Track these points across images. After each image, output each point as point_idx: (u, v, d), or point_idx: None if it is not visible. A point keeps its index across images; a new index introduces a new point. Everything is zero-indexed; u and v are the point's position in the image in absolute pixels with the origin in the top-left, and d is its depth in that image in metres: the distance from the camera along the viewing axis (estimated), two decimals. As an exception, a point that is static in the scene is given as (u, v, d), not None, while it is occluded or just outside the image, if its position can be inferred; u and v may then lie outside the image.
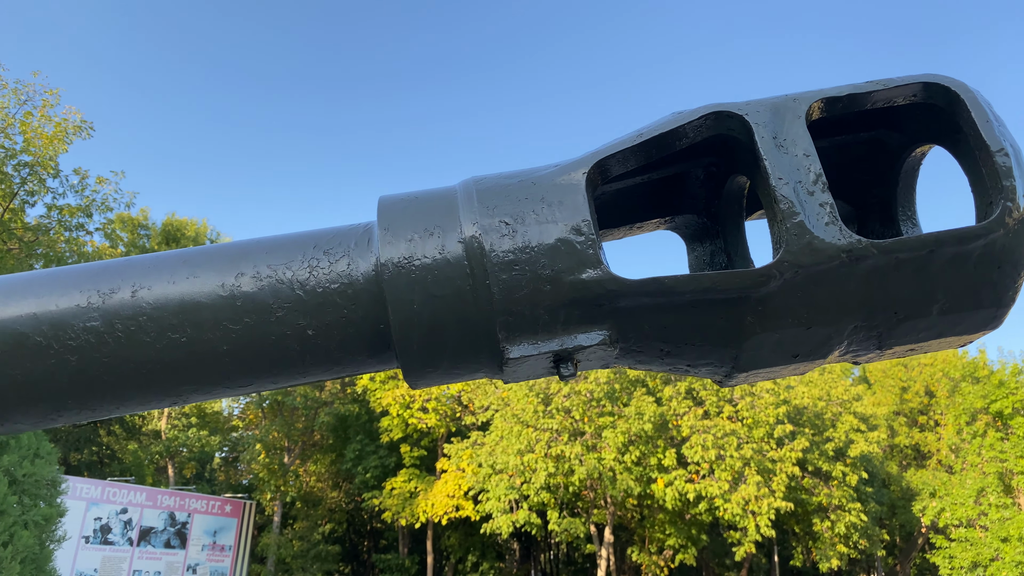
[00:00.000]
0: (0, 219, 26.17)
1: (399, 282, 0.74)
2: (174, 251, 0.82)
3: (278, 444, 33.97)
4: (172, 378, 0.77)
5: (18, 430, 0.80)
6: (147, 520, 27.45)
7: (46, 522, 6.57)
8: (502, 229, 0.75)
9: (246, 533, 29.81)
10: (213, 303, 0.76)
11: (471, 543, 33.05)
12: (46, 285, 0.77)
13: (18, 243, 27.19)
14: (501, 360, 0.77)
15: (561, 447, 23.55)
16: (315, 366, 0.80)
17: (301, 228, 0.82)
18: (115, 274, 0.78)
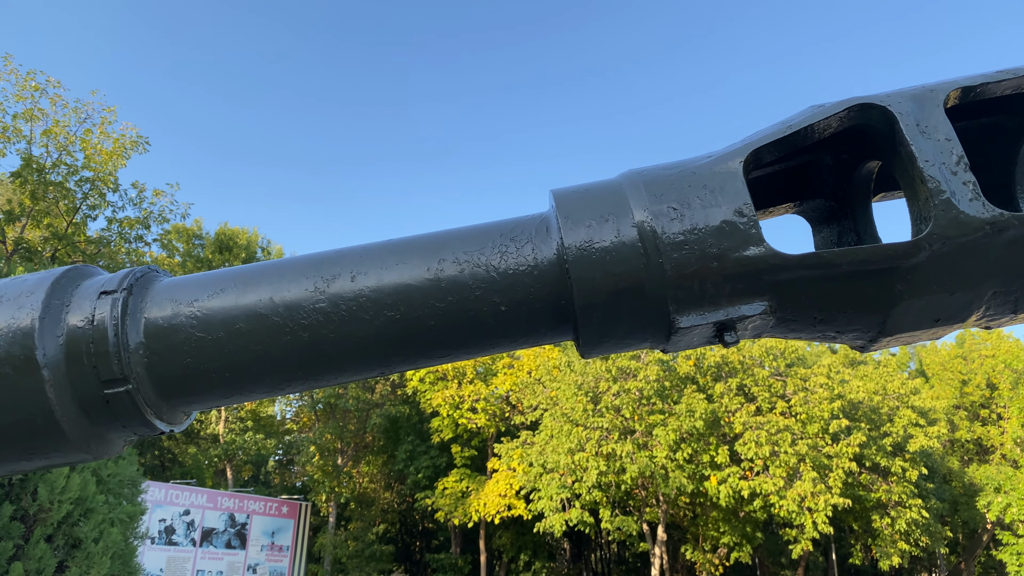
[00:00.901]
0: (64, 233, 27.26)
1: (581, 263, 0.84)
2: (378, 242, 0.94)
3: (331, 446, 34.61)
4: (386, 350, 0.89)
5: (253, 398, 0.93)
6: (208, 521, 28.23)
7: (130, 520, 6.87)
8: (671, 214, 0.85)
9: (303, 533, 30.44)
10: (421, 285, 0.87)
11: (523, 542, 33.17)
12: (277, 274, 0.90)
13: (81, 255, 28.25)
14: (670, 330, 0.86)
15: (612, 445, 23.51)
16: (504, 337, 0.91)
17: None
18: (334, 263, 0.90)
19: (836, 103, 0.90)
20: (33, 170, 26.63)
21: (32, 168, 26.61)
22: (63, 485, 6.11)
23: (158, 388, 0.87)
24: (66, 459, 0.89)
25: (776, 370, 25.27)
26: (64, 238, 27.18)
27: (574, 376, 25.72)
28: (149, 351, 0.85)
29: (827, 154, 1.06)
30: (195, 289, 0.89)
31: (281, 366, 0.89)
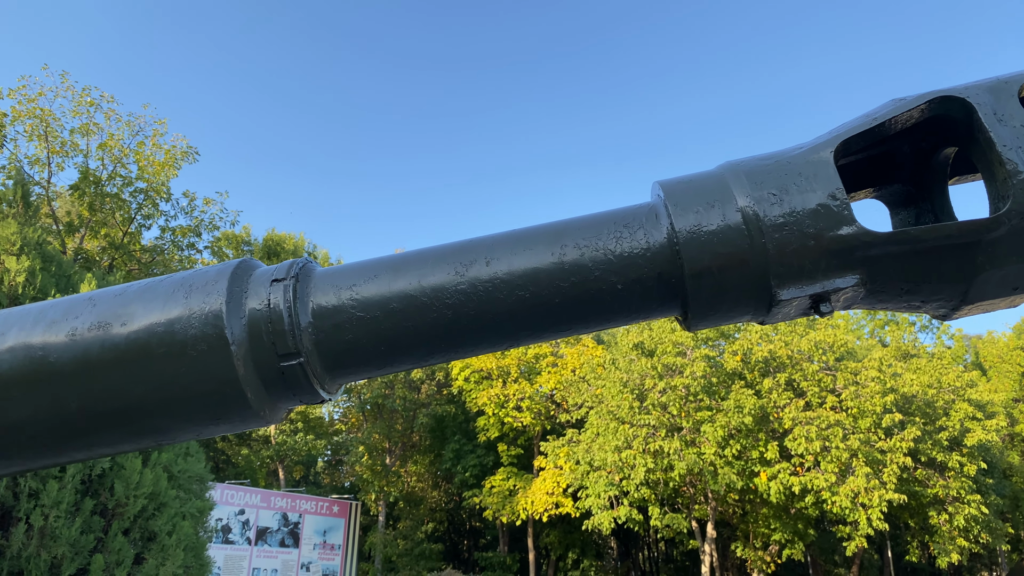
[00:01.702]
0: (120, 242, 28.21)
1: (691, 244, 0.95)
2: (505, 232, 1.06)
3: (379, 446, 35.12)
4: (517, 325, 1.01)
5: (402, 368, 1.06)
6: (263, 521, 28.92)
7: (200, 514, 7.15)
8: (771, 199, 0.95)
9: (353, 532, 30.97)
10: (547, 268, 0.99)
11: (571, 540, 33.22)
12: (422, 261, 1.03)
13: (137, 264, 29.22)
14: (771, 303, 0.96)
15: (659, 442, 23.41)
16: (619, 313, 1.02)
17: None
18: (470, 251, 1.02)
19: (917, 96, 0.98)
20: (90, 183, 27.61)
21: (89, 181, 27.58)
22: (137, 480, 6.40)
23: (324, 361, 1.00)
24: (245, 424, 1.02)
25: (825, 364, 24.85)
26: (120, 247, 28.13)
27: (619, 374, 25.67)
28: (317, 329, 0.99)
29: (906, 143, 1.14)
30: (352, 276, 1.02)
31: (428, 340, 1.01)
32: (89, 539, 5.94)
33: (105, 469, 6.32)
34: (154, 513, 6.50)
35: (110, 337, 0.96)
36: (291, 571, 29.30)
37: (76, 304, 1.03)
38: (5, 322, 1.03)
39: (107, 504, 6.26)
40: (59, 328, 0.99)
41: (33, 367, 0.96)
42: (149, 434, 1.01)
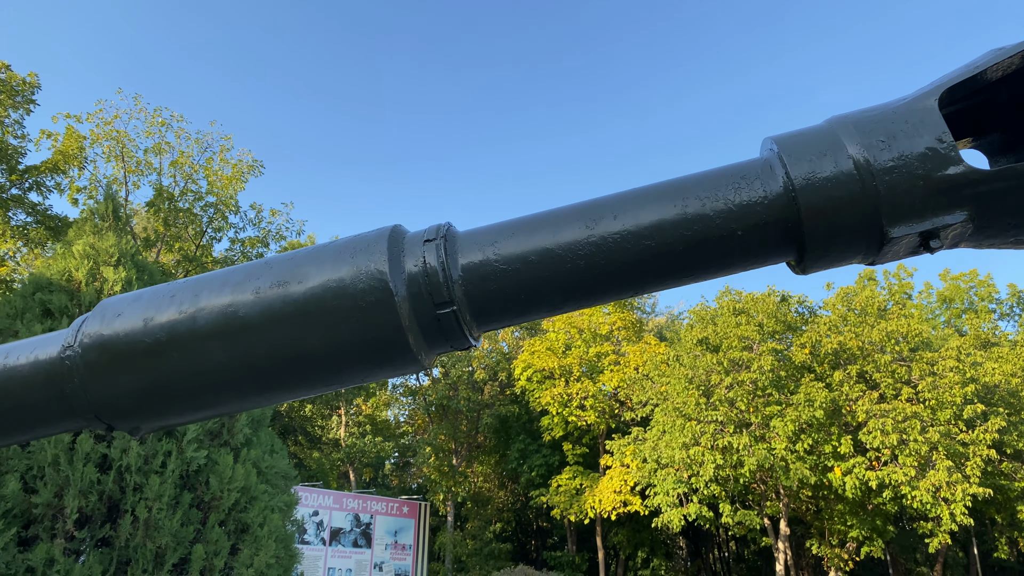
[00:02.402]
0: (194, 255, 29.40)
1: (807, 191, 1.04)
2: (628, 190, 1.17)
3: (445, 447, 35.59)
4: (644, 272, 1.12)
5: (539, 316, 1.17)
6: (336, 522, 29.66)
7: (287, 508, 7.46)
8: (880, 145, 1.03)
9: (423, 533, 31.45)
10: (671, 218, 1.09)
11: (639, 539, 32.99)
12: (554, 219, 1.14)
13: (209, 275, 30.38)
14: (882, 241, 1.04)
15: (727, 438, 23.08)
16: (739, 259, 1.12)
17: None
18: (597, 208, 1.13)
19: (1017, 44, 1.05)
20: (164, 199, 28.86)
21: (163, 197, 28.84)
22: (230, 475, 6.74)
23: (473, 309, 1.13)
24: (405, 368, 1.15)
25: (899, 355, 24.06)
26: (194, 259, 29.30)
27: (683, 370, 25.41)
28: (466, 281, 1.11)
29: (1004, 91, 1.20)
30: (493, 234, 1.15)
31: (562, 289, 1.13)
32: (189, 530, 6.29)
33: (200, 465, 6.68)
34: (246, 506, 6.83)
35: (290, 293, 1.11)
36: (364, 571, 29.95)
37: (255, 268, 1.18)
38: (195, 286, 1.19)
39: (203, 497, 6.61)
40: (244, 288, 1.14)
41: (225, 322, 1.12)
42: (324, 379, 1.16)
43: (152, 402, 1.17)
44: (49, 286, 7.09)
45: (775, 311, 25.63)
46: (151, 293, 1.21)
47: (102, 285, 7.20)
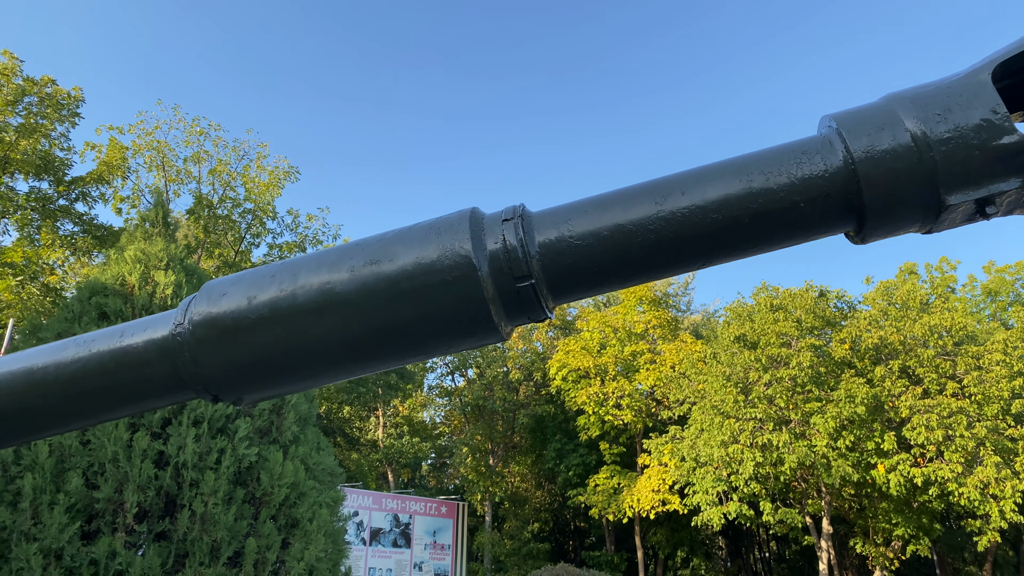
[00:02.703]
0: (233, 261, 29.99)
1: (867, 163, 1.10)
2: (692, 168, 1.23)
3: (482, 447, 35.75)
4: (712, 245, 1.18)
5: (612, 288, 1.25)
6: (375, 522, 29.99)
7: (334, 503, 7.62)
8: (936, 118, 1.09)
9: (461, 533, 31.64)
10: (737, 192, 1.16)
11: (678, 539, 32.77)
12: (624, 197, 1.22)
13: (248, 281, 30.98)
14: (940, 209, 1.10)
15: (767, 436, 22.83)
16: (801, 230, 1.18)
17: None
18: (664, 185, 1.20)
19: None
20: (203, 206, 29.50)
21: (203, 205, 29.48)
22: (280, 472, 6.92)
23: (549, 283, 1.21)
24: (487, 338, 1.24)
25: (943, 349, 23.56)
26: (233, 265, 29.88)
27: (721, 367, 25.20)
28: (543, 256, 1.20)
29: None
30: (566, 213, 1.23)
31: (634, 261, 1.20)
32: (242, 524, 6.48)
33: (252, 462, 6.87)
34: (296, 502, 7.00)
35: (382, 271, 1.21)
36: (404, 570, 30.22)
37: (348, 249, 1.28)
38: (293, 267, 1.29)
39: (255, 493, 6.80)
40: (339, 267, 1.24)
41: (323, 298, 1.21)
42: (413, 349, 1.25)
43: (256, 374, 1.27)
44: (104, 290, 7.35)
45: (813, 306, 25.30)
46: (252, 275, 1.31)
47: (153, 288, 7.45)
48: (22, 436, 1.41)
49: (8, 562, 5.62)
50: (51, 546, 5.70)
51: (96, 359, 1.32)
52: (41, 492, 5.89)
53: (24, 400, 1.34)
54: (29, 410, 1.35)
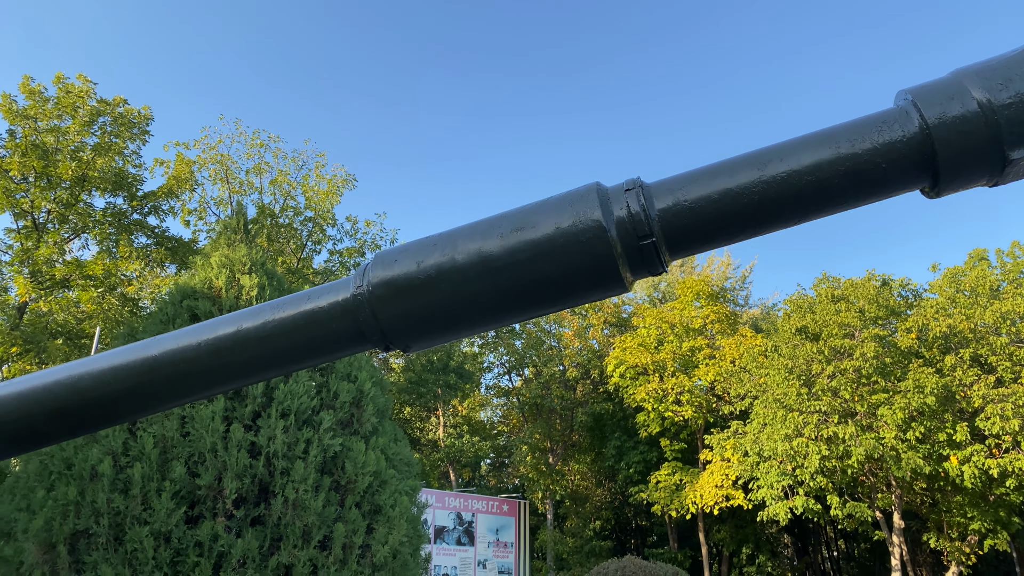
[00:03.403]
0: (296, 268, 30.95)
1: (940, 127, 1.30)
2: (784, 141, 1.44)
3: (541, 446, 35.99)
4: (806, 205, 1.39)
5: (716, 245, 1.46)
6: (439, 520, 30.50)
7: (412, 492, 7.96)
8: (999, 87, 1.28)
9: (523, 531, 31.94)
10: (828, 158, 1.36)
11: (743, 536, 32.40)
12: (730, 165, 1.43)
13: (309, 286, 31.97)
14: (1004, 163, 1.29)
15: (832, 428, 22.47)
16: (883, 187, 1.38)
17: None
18: (762, 154, 1.42)
19: None
20: (266, 216, 30.52)
21: (265, 215, 30.50)
22: (363, 461, 7.28)
23: (667, 241, 1.44)
24: (614, 289, 1.47)
25: (1016, 336, 22.78)
26: (296, 272, 30.83)
27: (782, 360, 24.88)
28: (661, 219, 1.42)
29: None
30: (679, 182, 1.45)
31: (740, 221, 1.41)
32: (330, 510, 6.86)
33: (336, 451, 7.25)
34: (378, 489, 7.36)
35: (525, 235, 1.45)
36: (469, 568, 30.67)
37: (493, 220, 1.53)
38: (451, 236, 1.54)
39: (340, 481, 7.18)
40: (490, 235, 1.49)
41: (480, 259, 1.47)
42: (553, 300, 1.49)
43: (423, 325, 1.53)
44: (194, 294, 7.85)
45: (876, 296, 24.76)
46: (417, 244, 1.57)
47: (239, 291, 7.92)
48: (227, 383, 1.70)
49: (123, 544, 6.11)
50: (160, 529, 6.17)
51: (289, 318, 1.61)
52: (149, 480, 6.37)
53: (232, 354, 1.64)
54: (234, 364, 1.65)
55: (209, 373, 1.67)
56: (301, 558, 6.49)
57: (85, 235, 25.04)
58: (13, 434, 1.75)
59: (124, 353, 1.70)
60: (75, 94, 23.33)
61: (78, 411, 1.70)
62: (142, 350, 1.70)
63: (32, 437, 1.76)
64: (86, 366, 1.70)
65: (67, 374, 1.71)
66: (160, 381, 1.68)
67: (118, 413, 1.75)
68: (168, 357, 1.66)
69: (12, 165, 21.75)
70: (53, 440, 1.83)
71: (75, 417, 1.73)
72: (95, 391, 1.68)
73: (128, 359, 1.69)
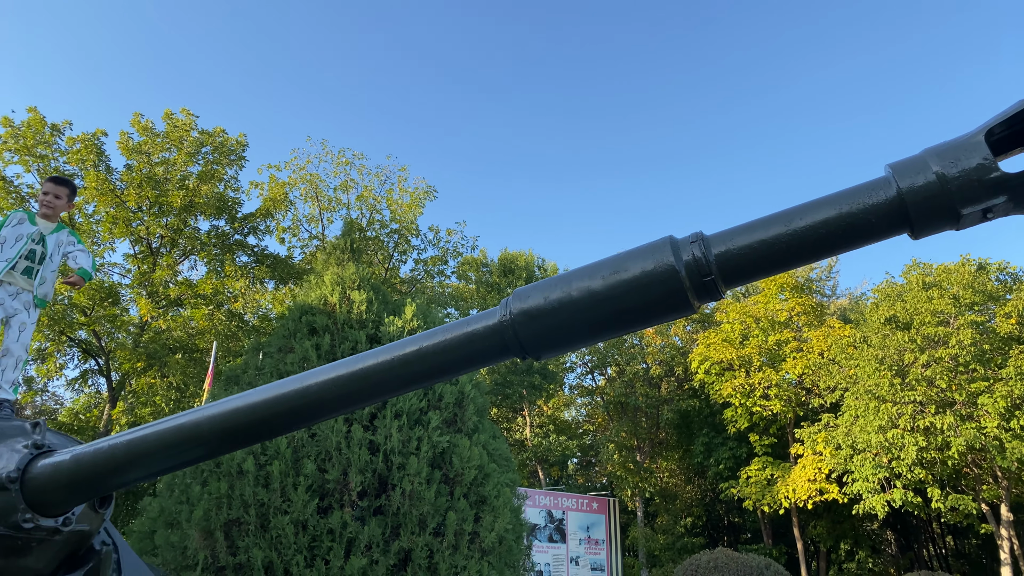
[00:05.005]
0: (384, 278, 32.36)
1: (911, 192, 1.78)
2: (801, 204, 2.00)
3: (628, 444, 36.25)
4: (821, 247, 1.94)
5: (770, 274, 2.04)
6: (531, 518, 31.18)
7: (512, 484, 8.64)
8: (951, 164, 1.77)
9: (614, 528, 32.29)
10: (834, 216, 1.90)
11: (840, 531, 31.76)
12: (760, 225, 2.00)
13: (397, 294, 33.34)
14: (958, 217, 1.80)
15: (928, 419, 21.94)
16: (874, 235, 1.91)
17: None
18: (790, 214, 1.98)
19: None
20: (354, 230, 32.01)
21: (353, 229, 31.99)
22: (468, 455, 8.01)
23: (723, 277, 2.02)
24: (683, 314, 2.05)
25: None
26: (384, 282, 32.25)
27: (873, 351, 24.41)
28: (718, 261, 2.00)
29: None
30: (732, 234, 2.01)
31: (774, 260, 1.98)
32: (442, 501, 7.62)
33: (444, 447, 8.01)
34: (482, 481, 8.08)
35: (620, 276, 2.05)
36: (561, 565, 31.26)
37: (595, 265, 2.13)
38: (567, 278, 2.15)
39: (449, 474, 7.93)
40: (595, 276, 2.09)
41: (589, 294, 2.08)
42: (639, 321, 2.09)
43: (550, 340, 2.16)
44: (311, 310, 8.78)
45: (972, 281, 23.96)
46: (543, 284, 2.21)
47: (350, 306, 8.81)
48: (410, 387, 2.39)
49: (268, 531, 7.03)
50: (298, 518, 7.06)
51: (456, 338, 2.28)
52: (285, 475, 7.28)
53: (415, 366, 2.32)
54: (418, 372, 2.33)
55: (399, 379, 2.36)
56: (419, 544, 7.26)
57: (193, 257, 27.05)
58: (255, 433, 2.47)
59: (341, 366, 2.41)
60: (180, 127, 25.29)
61: (313, 410, 2.41)
62: (352, 364, 2.40)
63: (265, 433, 2.48)
64: (320, 375, 2.41)
65: (305, 382, 2.42)
66: (366, 389, 2.38)
67: (334, 408, 2.45)
68: (373, 367, 2.36)
69: (130, 196, 23.82)
70: (277, 434, 2.55)
71: (305, 413, 2.44)
72: (327, 392, 2.39)
73: (343, 371, 2.39)
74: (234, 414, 2.44)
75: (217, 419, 2.46)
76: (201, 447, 2.50)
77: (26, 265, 5.18)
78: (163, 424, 2.53)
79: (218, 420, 2.45)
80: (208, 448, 2.51)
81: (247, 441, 2.57)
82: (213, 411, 2.46)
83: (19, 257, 5.10)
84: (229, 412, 2.45)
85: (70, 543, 2.77)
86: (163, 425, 2.52)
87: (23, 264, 5.16)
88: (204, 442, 2.48)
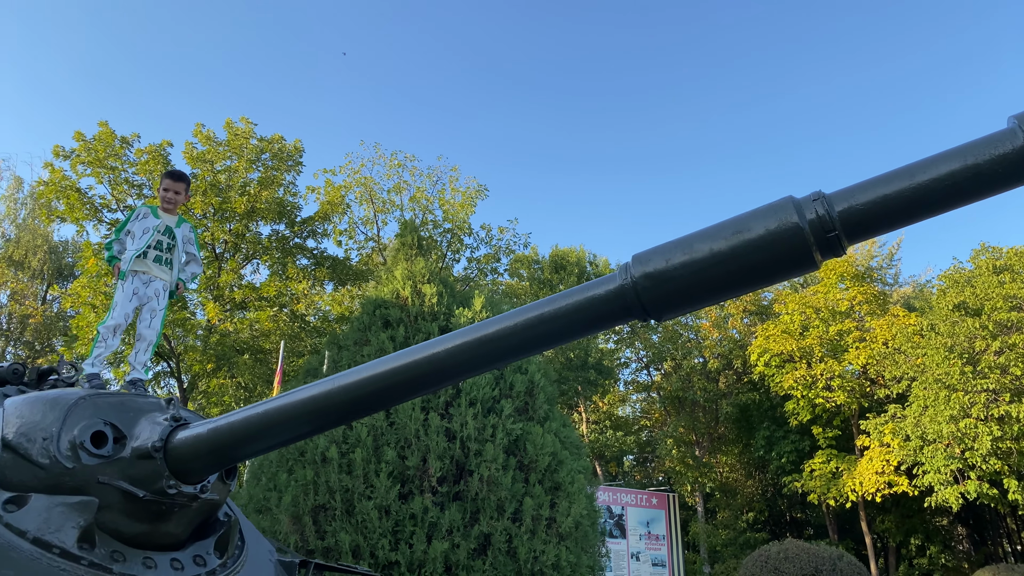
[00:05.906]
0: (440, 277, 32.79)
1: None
2: (930, 157, 2.06)
3: (686, 439, 35.91)
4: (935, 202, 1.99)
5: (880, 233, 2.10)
6: (590, 513, 31.24)
7: (585, 471, 8.74)
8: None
9: (674, 523, 32.04)
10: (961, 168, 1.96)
11: (910, 525, 30.90)
12: (883, 181, 2.06)
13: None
14: None
15: (1003, 407, 21.20)
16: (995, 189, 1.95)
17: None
18: (913, 169, 2.04)
19: None
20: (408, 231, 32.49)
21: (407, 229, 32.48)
22: (542, 443, 8.15)
23: (846, 233, 2.07)
24: (809, 269, 2.13)
25: None
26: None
27: (941, 339, 23.69)
28: (842, 218, 2.05)
29: None
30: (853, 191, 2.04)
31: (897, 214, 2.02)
32: (518, 486, 7.77)
33: (518, 435, 8.16)
34: (556, 468, 8.20)
35: (743, 236, 2.12)
36: (622, 560, 31.14)
37: (718, 226, 2.22)
38: (688, 240, 2.25)
39: (523, 461, 8.08)
40: (718, 238, 2.18)
41: (711, 255, 2.16)
42: (762, 280, 2.17)
43: (673, 301, 2.26)
44: (384, 304, 9.04)
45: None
46: (662, 248, 2.30)
47: (421, 299, 9.02)
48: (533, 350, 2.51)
49: (353, 516, 7.27)
50: (381, 504, 7.29)
51: (575, 302, 2.39)
52: (367, 463, 7.52)
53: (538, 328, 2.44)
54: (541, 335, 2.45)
55: (526, 342, 2.48)
56: (498, 528, 7.42)
57: (256, 260, 27.85)
58: (366, 405, 2.63)
59: (465, 333, 2.54)
60: (240, 136, 26.08)
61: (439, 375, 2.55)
62: (476, 330, 2.53)
63: (377, 404, 2.63)
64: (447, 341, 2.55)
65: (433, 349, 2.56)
66: (493, 352, 2.50)
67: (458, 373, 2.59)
68: (500, 332, 2.49)
69: (195, 204, 24.66)
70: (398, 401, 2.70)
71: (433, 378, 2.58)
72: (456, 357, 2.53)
73: (470, 336, 2.53)
74: (368, 381, 2.59)
75: (348, 388, 2.61)
76: (331, 414, 2.66)
77: (156, 255, 5.59)
78: (293, 396, 2.70)
79: (350, 388, 2.61)
80: (337, 415, 2.68)
81: (377, 405, 2.73)
82: (343, 381, 2.62)
83: (147, 247, 5.51)
84: (363, 379, 2.60)
85: (203, 511, 2.97)
86: (293, 396, 2.69)
87: (152, 254, 5.57)
88: (334, 410, 2.64)
